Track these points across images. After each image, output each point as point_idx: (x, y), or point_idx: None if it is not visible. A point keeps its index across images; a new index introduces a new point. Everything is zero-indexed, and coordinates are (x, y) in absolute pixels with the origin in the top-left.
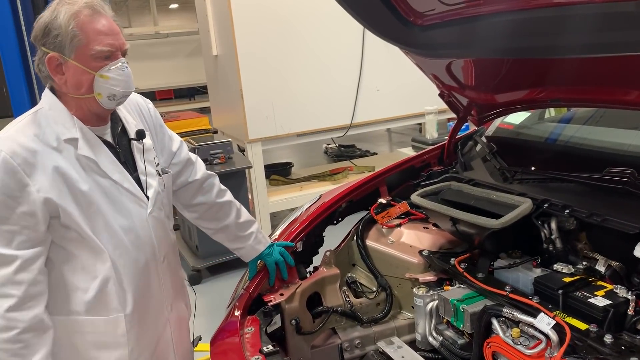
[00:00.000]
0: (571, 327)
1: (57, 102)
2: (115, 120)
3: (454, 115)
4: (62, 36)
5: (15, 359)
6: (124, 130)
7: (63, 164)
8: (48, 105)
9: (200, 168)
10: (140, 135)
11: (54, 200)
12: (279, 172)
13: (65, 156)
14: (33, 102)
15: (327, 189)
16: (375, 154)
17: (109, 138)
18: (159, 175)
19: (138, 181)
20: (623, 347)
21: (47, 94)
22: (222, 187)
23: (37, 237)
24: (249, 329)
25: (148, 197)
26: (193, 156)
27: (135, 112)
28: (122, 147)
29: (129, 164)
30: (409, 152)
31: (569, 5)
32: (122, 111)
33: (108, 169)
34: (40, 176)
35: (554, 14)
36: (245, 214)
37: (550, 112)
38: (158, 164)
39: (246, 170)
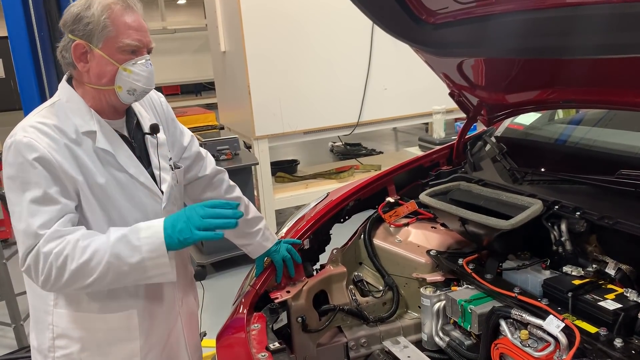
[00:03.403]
0: (581, 330)
1: (75, 94)
2: (130, 114)
3: (461, 115)
4: (93, 25)
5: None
6: (139, 124)
7: (82, 156)
8: (65, 97)
9: (210, 163)
10: (154, 129)
11: (78, 186)
12: (285, 170)
13: (83, 149)
14: (42, 96)
15: (332, 187)
16: (381, 152)
17: (124, 132)
18: (172, 169)
19: (152, 175)
20: (633, 352)
21: (64, 86)
22: (231, 183)
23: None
24: (255, 325)
25: (162, 192)
26: (203, 151)
27: (148, 106)
28: (137, 141)
29: (144, 159)
30: (415, 151)
31: (582, 5)
32: (137, 105)
33: (125, 163)
34: (64, 164)
35: (567, 14)
36: (253, 211)
37: (559, 114)
38: (170, 158)
39: (252, 167)
